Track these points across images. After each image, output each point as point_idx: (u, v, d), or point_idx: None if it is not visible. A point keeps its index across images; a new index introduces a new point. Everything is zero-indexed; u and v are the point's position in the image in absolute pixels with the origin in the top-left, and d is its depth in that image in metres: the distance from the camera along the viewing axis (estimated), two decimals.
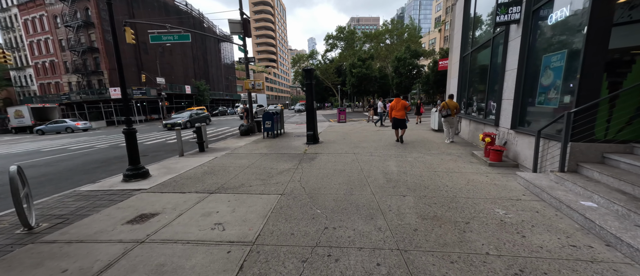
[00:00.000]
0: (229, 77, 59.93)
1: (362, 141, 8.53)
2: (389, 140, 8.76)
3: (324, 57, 45.57)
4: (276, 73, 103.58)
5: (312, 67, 8.15)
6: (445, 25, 60.39)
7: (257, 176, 4.86)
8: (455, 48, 10.06)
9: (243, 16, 10.99)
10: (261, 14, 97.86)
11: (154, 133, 16.43)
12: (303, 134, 11.22)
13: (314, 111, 8.47)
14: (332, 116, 26.77)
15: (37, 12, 36.30)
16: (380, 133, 10.61)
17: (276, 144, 8.74)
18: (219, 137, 12.58)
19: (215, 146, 8.76)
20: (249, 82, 11.19)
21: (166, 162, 6.49)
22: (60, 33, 35.17)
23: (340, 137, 9.87)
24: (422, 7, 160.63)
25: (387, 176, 4.51)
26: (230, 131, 15.22)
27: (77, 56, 33.89)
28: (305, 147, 7.88)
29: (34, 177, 6.14)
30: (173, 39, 11.52)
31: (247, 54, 11.53)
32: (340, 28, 39.14)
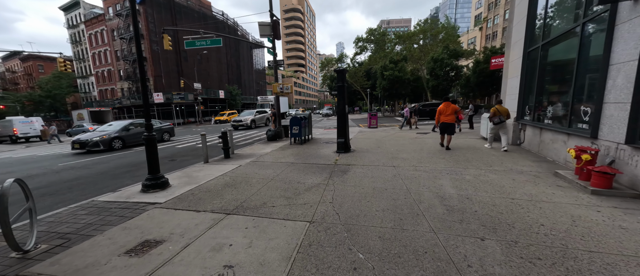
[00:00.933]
0: (260, 82, 62.02)
1: (400, 151, 7.45)
2: (432, 149, 7.56)
3: (353, 61, 44.57)
4: (305, 77, 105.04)
5: (345, 68, 7.35)
6: (487, 23, 55.46)
7: (281, 192, 4.17)
8: (515, 43, 8.47)
9: (273, 18, 10.67)
10: (291, 21, 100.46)
11: (187, 136, 17.06)
12: (332, 140, 10.44)
13: (345, 116, 7.65)
14: (361, 120, 25.62)
15: (99, 27, 41.35)
16: (419, 141, 9.35)
17: (304, 151, 8.07)
18: (247, 141, 12.38)
19: (241, 152, 8.39)
20: (277, 86, 10.79)
21: (189, 169, 6.17)
22: (116, 45, 39.55)
23: (374, 145, 8.87)
24: (459, 5, 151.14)
25: (446, 202, 3.48)
26: (257, 135, 15.07)
27: (129, 65, 37.67)
28: (335, 156, 7.07)
29: (68, 180, 6.25)
30: (206, 44, 11.68)
31: (276, 57, 11.18)
32: (371, 30, 37.88)
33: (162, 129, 13.73)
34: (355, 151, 7.82)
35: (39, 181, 6.34)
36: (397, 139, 10.20)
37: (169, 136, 14.29)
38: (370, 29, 38.26)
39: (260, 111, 22.27)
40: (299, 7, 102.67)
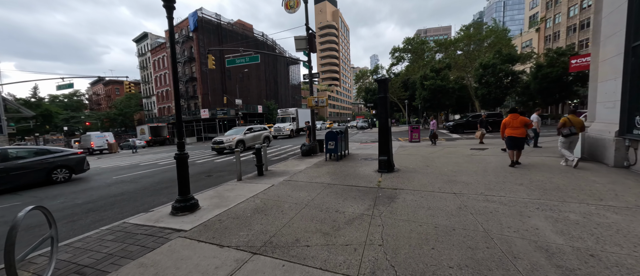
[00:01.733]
0: (295, 96, 64.06)
1: (456, 172, 6.20)
2: (498, 170, 6.16)
3: (389, 71, 43.11)
4: (338, 90, 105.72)
5: (386, 77, 6.57)
6: (546, 23, 49.03)
7: (318, 224, 3.48)
8: (608, 38, 6.71)
9: (309, 31, 10.52)
10: (326, 37, 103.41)
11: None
12: (371, 157, 9.52)
13: (388, 131, 6.75)
14: (400, 134, 23.96)
15: (161, 53, 47.78)
16: (478, 159, 7.86)
17: (340, 169, 7.34)
18: (281, 156, 12.16)
19: (275, 169, 8.02)
20: (312, 99, 10.42)
21: (222, 188, 5.92)
22: None
23: (421, 163, 7.70)
24: (507, 7, 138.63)
25: (555, 259, 2.37)
26: (292, 149, 14.85)
27: (182, 84, 42.29)
28: (377, 176, 6.17)
29: (114, 195, 6.54)
30: (245, 61, 12.09)
31: (311, 70, 10.92)
32: (408, 39, 36.34)
33: None
34: (400, 170, 6.80)
35: (89, 195, 6.77)
36: (448, 156, 8.81)
37: None
38: (407, 39, 36.74)
39: (255, 128, 16.86)
40: (333, 23, 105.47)
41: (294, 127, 26.31)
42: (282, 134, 24.47)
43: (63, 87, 15.53)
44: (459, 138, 16.28)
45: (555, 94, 24.49)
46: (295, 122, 26.90)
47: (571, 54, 23.61)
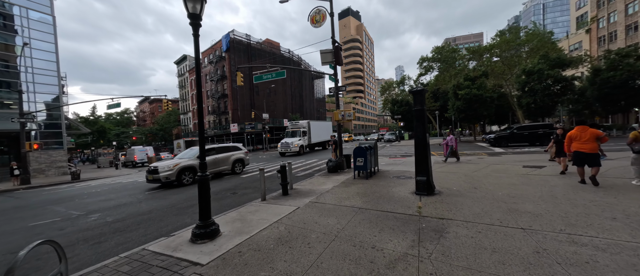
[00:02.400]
0: (320, 109, 64.56)
1: (515, 196, 5.16)
2: (566, 193, 5.03)
3: (416, 82, 41.42)
4: (363, 103, 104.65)
5: (423, 88, 5.88)
6: (598, 23, 43.90)
7: (352, 266, 2.88)
8: None
9: (335, 44, 10.28)
10: (350, 50, 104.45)
11: (252, 164, 17.94)
12: (403, 175, 8.65)
13: (426, 147, 5.96)
14: (431, 147, 22.32)
15: None
16: (537, 179, 6.61)
17: (371, 189, 6.64)
18: (307, 172, 11.74)
19: (300, 188, 7.57)
20: (339, 113, 9.97)
21: (245, 209, 5.59)
22: (207, 86, 48.38)
23: (466, 183, 6.68)
24: (547, 10, 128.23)
25: None
26: (318, 164, 14.39)
27: (215, 101, 45.04)
28: (415, 200, 5.38)
29: (142, 213, 6.57)
30: (272, 77, 12.21)
31: (337, 83, 10.57)
32: (437, 48, 34.77)
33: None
34: (442, 193, 5.90)
35: (119, 212, 6.89)
36: (497, 175, 7.61)
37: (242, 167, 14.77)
38: (436, 47, 35.18)
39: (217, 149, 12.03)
40: (358, 37, 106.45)
41: (305, 142, 22.95)
42: (290, 151, 21.16)
43: (112, 106, 17.21)
44: (503, 153, 14.49)
45: (620, 102, 21.08)
46: (307, 136, 23.29)
47: (638, 56, 20.38)
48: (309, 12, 10.79)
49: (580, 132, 5.82)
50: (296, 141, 21.77)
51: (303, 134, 23.11)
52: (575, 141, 5.90)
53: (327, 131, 27.87)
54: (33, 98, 20.85)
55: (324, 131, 27.13)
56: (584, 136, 5.74)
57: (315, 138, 24.80)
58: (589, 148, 5.64)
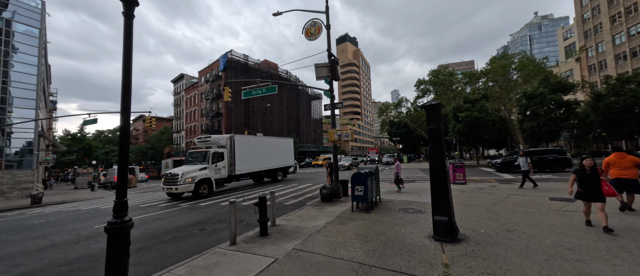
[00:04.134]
0: (317, 130, 63.75)
1: (571, 248, 3.76)
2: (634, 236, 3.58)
3: (414, 105, 41.21)
4: (360, 124, 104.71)
5: (438, 102, 4.71)
6: (587, 53, 45.34)
7: None
8: None
9: (331, 58, 9.33)
10: (348, 74, 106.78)
11: (240, 188, 16.26)
12: (408, 205, 7.22)
13: (446, 175, 4.62)
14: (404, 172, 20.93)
15: (193, 92, 51.33)
16: (573, 217, 5.23)
17: (375, 229, 5.18)
18: (297, 200, 10.20)
19: (285, 224, 6.05)
20: (335, 132, 8.72)
21: (201, 262, 4.06)
22: (202, 105, 47.57)
23: (494, 222, 5.26)
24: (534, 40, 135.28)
25: None
26: (310, 191, 12.84)
27: (209, 120, 43.92)
28: (436, 250, 3.94)
29: (68, 262, 4.94)
30: (262, 92, 11.14)
31: (333, 100, 9.46)
32: (434, 71, 34.93)
33: None
34: (469, 238, 4.47)
35: (38, 259, 5.23)
36: (525, 210, 6.21)
37: None
38: (432, 71, 35.37)
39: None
40: (355, 61, 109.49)
41: (215, 173, 12.98)
42: (176, 190, 11.41)
43: (88, 122, 15.87)
44: (514, 179, 13.19)
45: (624, 128, 20.40)
46: (225, 161, 13.66)
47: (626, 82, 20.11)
48: (304, 24, 10.01)
49: (618, 159, 5.71)
50: (192, 173, 11.89)
51: (215, 159, 13.10)
52: (613, 166, 5.78)
53: (282, 152, 18.44)
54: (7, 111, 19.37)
55: (276, 153, 17.63)
56: (623, 162, 5.63)
57: (251, 162, 15.21)
58: (631, 174, 5.54)
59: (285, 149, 19.17)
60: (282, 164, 18.46)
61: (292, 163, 19.82)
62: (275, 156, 17.66)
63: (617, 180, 5.68)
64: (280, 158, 18.20)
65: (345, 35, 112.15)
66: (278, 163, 17.96)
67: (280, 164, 18.23)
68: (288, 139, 20.52)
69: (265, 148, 16.84)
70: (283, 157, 18.61)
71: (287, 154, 19.37)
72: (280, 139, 19.59)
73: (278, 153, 18.05)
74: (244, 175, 15.17)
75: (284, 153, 18.81)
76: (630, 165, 5.59)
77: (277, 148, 18.17)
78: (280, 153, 18.31)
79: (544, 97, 20.34)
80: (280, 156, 18.23)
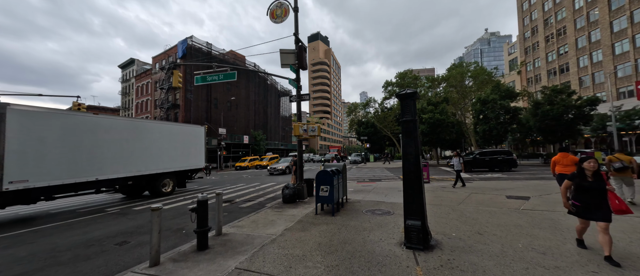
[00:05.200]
0: (286, 128, 62.12)
1: (544, 252, 3.50)
2: None
3: (381, 106, 42.42)
4: (330, 123, 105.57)
5: (415, 91, 4.14)
6: (526, 67, 51.74)
7: None
8: None
9: (298, 44, 8.43)
10: (318, 72, 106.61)
11: (193, 186, 14.40)
12: (377, 206, 6.73)
13: (419, 174, 4.08)
14: (398, 170, 21.45)
15: (145, 80, 45.69)
16: (536, 216, 5.22)
17: (339, 236, 4.46)
18: (257, 201, 9.09)
19: (234, 232, 5.00)
20: (300, 126, 7.85)
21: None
22: (156, 95, 42.57)
23: (463, 224, 4.95)
24: (484, 54, 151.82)
25: None
26: (273, 190, 11.80)
27: (163, 112, 39.44)
28: (409, 261, 3.35)
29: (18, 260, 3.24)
30: (219, 79, 9.72)
31: (300, 90, 8.57)
32: (401, 74, 36.26)
33: None
34: (442, 244, 4.01)
35: None
36: (488, 210, 6.12)
37: None
38: (399, 73, 36.72)
39: None
40: (326, 61, 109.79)
41: None
42: None
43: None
44: (471, 178, 13.88)
45: (557, 133, 23.36)
46: None
47: (568, 92, 23.13)
48: (269, 5, 8.92)
49: (562, 158, 6.57)
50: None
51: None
52: (559, 165, 6.58)
53: (178, 147, 11.78)
54: None
55: (165, 149, 11.20)
56: (565, 161, 6.46)
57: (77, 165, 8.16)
58: (570, 170, 6.04)
59: (185, 144, 12.11)
60: (175, 165, 11.50)
61: (197, 164, 12.77)
62: (162, 154, 10.88)
63: (560, 175, 6.55)
64: (172, 157, 11.37)
65: (317, 34, 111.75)
66: (166, 164, 11.02)
67: (171, 165, 11.29)
68: (191, 128, 12.92)
69: (131, 140, 9.86)
70: (179, 155, 11.74)
71: (190, 150, 12.36)
72: (172, 126, 11.84)
73: (169, 149, 11.23)
74: (53, 189, 7.71)
75: (181, 149, 11.84)
76: (570, 163, 6.39)
77: (167, 141, 11.18)
78: (173, 148, 11.45)
79: (495, 102, 22.21)
80: (173, 153, 11.45)
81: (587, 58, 37.36)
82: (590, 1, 36.78)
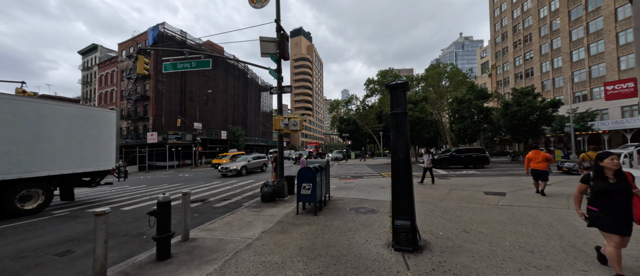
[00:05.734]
0: (266, 124, 60.56)
1: (532, 250, 3.42)
2: (572, 233, 3.45)
3: (363, 103, 42.84)
4: (311, 120, 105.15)
5: (405, 81, 3.86)
6: (497, 70, 55.14)
7: None
8: None
9: (280, 32, 7.86)
10: (300, 68, 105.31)
11: (162, 185, 13.26)
12: (360, 204, 6.47)
13: (409, 171, 3.82)
14: (379, 167, 21.70)
15: (110, 68, 41.78)
16: (515, 212, 5.28)
17: (323, 238, 4.09)
18: (232, 200, 8.45)
19: (203, 238, 4.42)
20: (281, 120, 7.35)
21: None
22: (123, 85, 39.11)
23: (448, 221, 4.82)
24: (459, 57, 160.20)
25: None
26: (251, 188, 11.16)
27: (131, 104, 36.37)
28: (398, 264, 3.07)
29: None
30: (190, 66, 8.85)
31: (281, 82, 8.03)
32: (382, 72, 36.74)
33: None
34: (431, 245, 3.80)
35: None
36: (470, 207, 6.13)
37: None
38: (381, 71, 37.20)
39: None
40: (308, 57, 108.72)
41: None
42: None
43: None
44: (448, 175, 14.28)
45: (523, 132, 25.07)
46: None
47: (534, 95, 24.86)
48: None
49: (535, 155, 7.38)
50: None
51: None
52: (532, 161, 7.36)
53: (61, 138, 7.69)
54: None
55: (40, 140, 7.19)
56: (538, 158, 7.29)
57: None
58: (542, 166, 7.18)
59: (77, 134, 8.16)
60: (53, 167, 7.55)
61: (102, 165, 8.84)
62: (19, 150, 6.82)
63: (533, 170, 7.31)
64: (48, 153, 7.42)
65: (299, 29, 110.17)
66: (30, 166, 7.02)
67: (45, 167, 7.35)
68: (91, 111, 8.88)
69: None
70: (66, 152, 7.82)
71: (86, 145, 8.38)
72: (53, 106, 7.74)
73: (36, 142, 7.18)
74: None
75: (68, 143, 7.90)
76: (541, 160, 7.22)
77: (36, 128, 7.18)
78: (49, 139, 7.48)
79: (471, 102, 23.23)
80: (50, 148, 7.48)
81: (549, 64, 40.57)
82: (554, 11, 39.85)
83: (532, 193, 7.56)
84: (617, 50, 30.77)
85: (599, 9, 33.01)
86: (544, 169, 7.23)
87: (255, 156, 20.06)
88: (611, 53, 31.33)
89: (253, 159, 19.28)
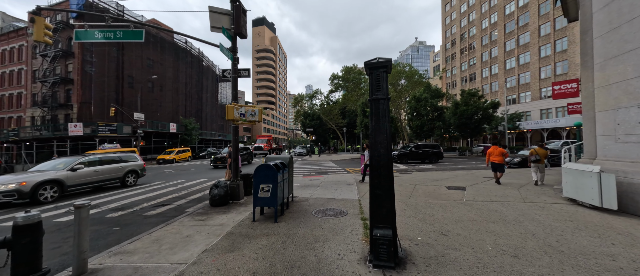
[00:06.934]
0: (225, 117, 56.22)
1: (517, 255, 3.12)
2: (548, 231, 3.33)
3: (327, 98, 42.67)
4: (275, 115, 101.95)
5: (387, 59, 3.18)
6: (446, 73, 60.73)
7: None
8: (615, 58, 5.49)
9: (236, 3, 6.55)
10: (263, 60, 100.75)
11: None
12: (327, 205, 5.76)
13: (390, 169, 3.16)
14: (344, 162, 21.57)
15: (17, 42, 33.27)
16: (482, 208, 5.22)
17: (285, 257, 3.21)
18: (173, 205, 6.92)
19: (112, 265, 3.12)
20: (235, 108, 6.14)
21: None
22: (36, 64, 31.51)
23: (422, 222, 4.41)
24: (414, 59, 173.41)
25: None
26: (201, 189, 9.59)
27: (47, 87, 29.53)
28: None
29: None
30: (115, 36, 6.87)
31: (236, 63, 6.75)
32: (347, 68, 36.89)
33: None
34: (412, 255, 3.24)
35: None
36: (438, 204, 5.93)
37: None
38: (346, 68, 37.31)
39: None
40: (271, 48, 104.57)
41: None
42: None
43: None
44: (408, 170, 14.70)
45: (469, 129, 27.80)
46: None
47: (479, 96, 27.65)
48: None
49: (494, 150, 8.42)
50: None
51: None
52: (491, 155, 8.43)
53: None
54: None
55: None
56: (496, 152, 8.33)
57: None
58: (499, 160, 8.23)
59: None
60: None
61: None
62: None
63: (492, 164, 8.43)
64: None
65: (262, 18, 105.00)
66: None
67: None
68: None
69: None
70: None
71: None
72: None
73: None
74: None
75: None
76: (498, 154, 8.26)
77: None
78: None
79: (427, 101, 24.69)
80: None
81: (488, 70, 46.06)
82: (493, 23, 45.16)
83: (487, 186, 7.96)
84: (539, 61, 36.37)
85: (527, 24, 38.42)
86: (500, 162, 8.28)
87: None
88: (534, 64, 36.85)
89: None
